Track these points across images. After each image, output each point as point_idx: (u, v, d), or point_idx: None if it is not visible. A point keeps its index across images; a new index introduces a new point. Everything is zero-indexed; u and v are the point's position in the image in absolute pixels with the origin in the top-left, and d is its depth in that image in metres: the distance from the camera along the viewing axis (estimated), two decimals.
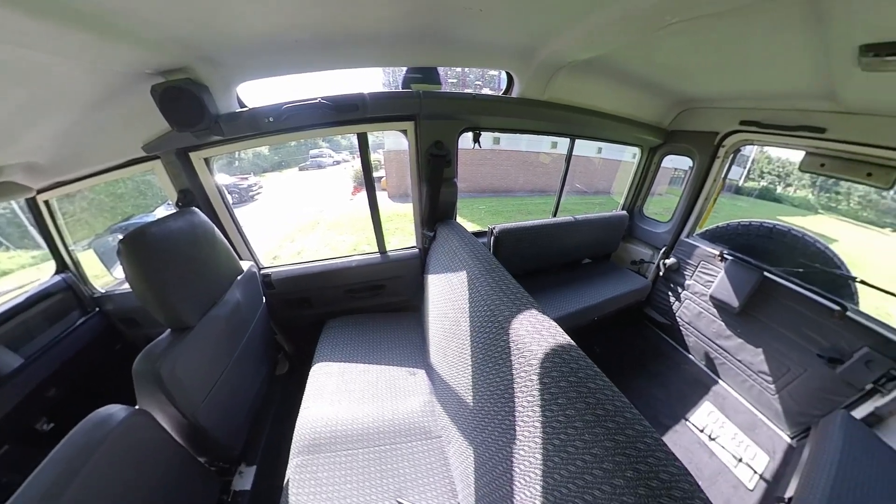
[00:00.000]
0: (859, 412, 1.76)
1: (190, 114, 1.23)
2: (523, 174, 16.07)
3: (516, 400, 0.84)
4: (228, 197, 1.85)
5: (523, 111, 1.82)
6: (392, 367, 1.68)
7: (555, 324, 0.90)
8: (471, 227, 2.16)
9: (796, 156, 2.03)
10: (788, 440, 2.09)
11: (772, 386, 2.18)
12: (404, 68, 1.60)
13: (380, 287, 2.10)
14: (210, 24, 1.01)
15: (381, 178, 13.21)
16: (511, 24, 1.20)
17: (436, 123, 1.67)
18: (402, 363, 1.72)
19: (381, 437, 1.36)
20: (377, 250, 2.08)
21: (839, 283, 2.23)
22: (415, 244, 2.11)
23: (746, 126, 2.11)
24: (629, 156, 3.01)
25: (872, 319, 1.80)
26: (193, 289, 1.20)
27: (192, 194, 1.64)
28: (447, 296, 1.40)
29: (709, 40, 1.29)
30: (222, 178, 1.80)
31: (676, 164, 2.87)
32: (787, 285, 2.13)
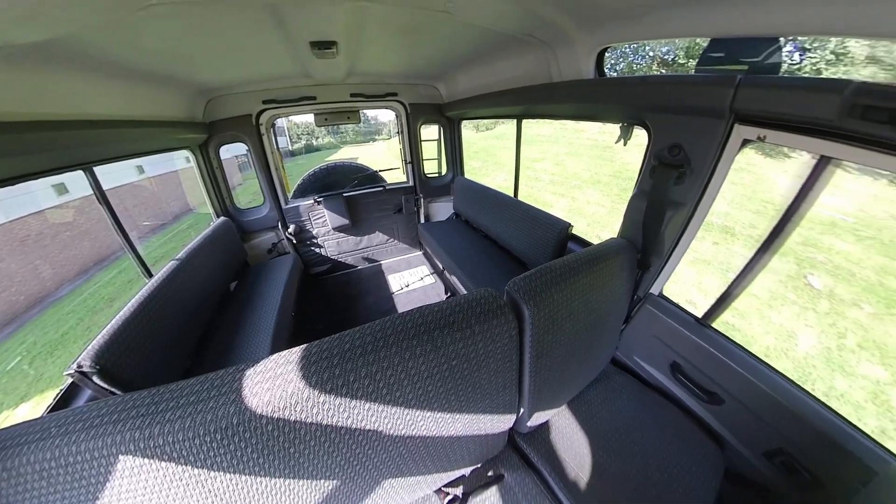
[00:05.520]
0: (422, 219, 3.73)
1: None
2: (42, 259, 8.98)
3: (335, 420, 0.77)
4: None
5: None
6: None
7: (278, 354, 0.81)
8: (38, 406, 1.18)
9: (310, 117, 2.93)
10: (420, 252, 3.88)
11: (395, 241, 3.77)
12: None
13: None
14: None
15: None
16: None
17: None
18: None
19: None
20: None
21: (374, 176, 4.08)
22: None
23: (268, 104, 2.63)
24: (183, 161, 2.80)
25: (395, 185, 3.53)
26: None
27: None
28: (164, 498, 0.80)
29: (204, 29, 1.27)
30: None
31: (234, 151, 3.06)
32: (359, 193, 3.38)
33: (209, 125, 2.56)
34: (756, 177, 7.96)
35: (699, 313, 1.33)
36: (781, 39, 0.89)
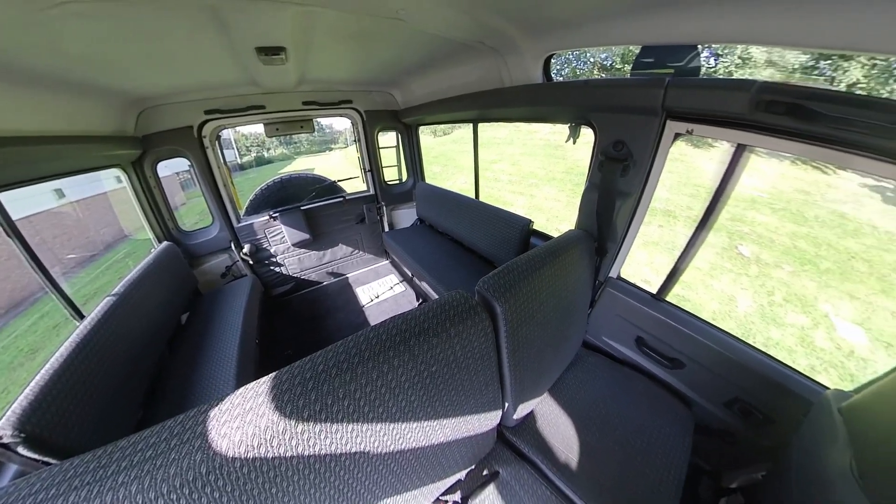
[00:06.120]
0: (386, 227, 3.67)
1: None
2: None
3: (318, 449, 0.72)
4: None
5: None
6: None
7: (244, 387, 0.74)
8: None
9: (259, 128, 2.74)
10: (387, 261, 3.86)
11: (360, 252, 3.62)
12: None
13: None
14: None
15: None
16: None
17: None
18: None
19: None
20: None
21: (332, 187, 3.92)
22: None
23: (211, 114, 2.40)
24: (114, 182, 2.49)
25: (355, 194, 3.45)
26: None
27: None
28: None
29: (133, 32, 1.15)
30: None
31: (174, 167, 2.80)
32: (318, 205, 3.21)
33: (142, 140, 2.28)
34: (688, 165, 8.83)
35: (654, 290, 1.47)
36: (699, 46, 1.02)
